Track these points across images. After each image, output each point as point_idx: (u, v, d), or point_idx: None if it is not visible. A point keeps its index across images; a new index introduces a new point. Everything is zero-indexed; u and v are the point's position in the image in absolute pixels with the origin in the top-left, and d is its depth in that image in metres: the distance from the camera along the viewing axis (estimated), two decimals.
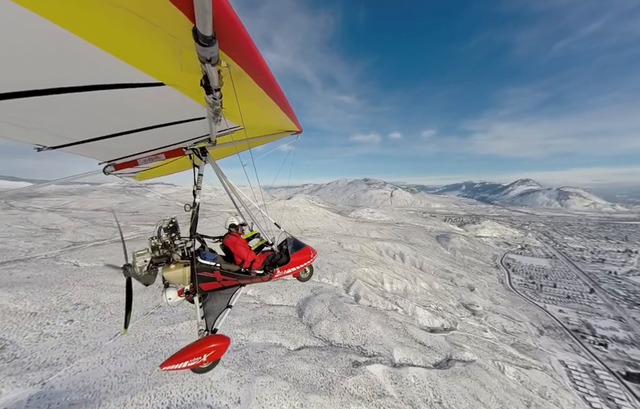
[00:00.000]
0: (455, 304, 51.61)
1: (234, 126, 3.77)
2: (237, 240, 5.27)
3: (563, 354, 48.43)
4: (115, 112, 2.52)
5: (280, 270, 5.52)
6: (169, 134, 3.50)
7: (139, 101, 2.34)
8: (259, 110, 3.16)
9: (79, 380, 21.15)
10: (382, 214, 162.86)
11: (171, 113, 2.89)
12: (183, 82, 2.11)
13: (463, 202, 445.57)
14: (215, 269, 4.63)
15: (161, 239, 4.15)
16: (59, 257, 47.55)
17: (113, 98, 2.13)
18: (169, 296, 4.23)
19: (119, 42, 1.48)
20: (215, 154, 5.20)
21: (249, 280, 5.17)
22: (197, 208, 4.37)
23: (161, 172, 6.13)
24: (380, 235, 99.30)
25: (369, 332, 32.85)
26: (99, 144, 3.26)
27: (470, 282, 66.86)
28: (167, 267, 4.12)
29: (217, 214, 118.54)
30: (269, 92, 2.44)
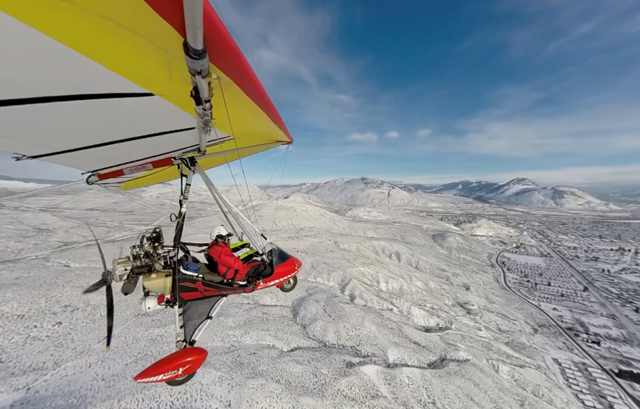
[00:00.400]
0: (450, 303, 51.67)
1: (224, 136, 3.74)
2: (223, 250, 5.16)
3: (557, 352, 48.77)
4: (100, 121, 2.45)
5: (263, 281, 5.52)
6: (157, 143, 3.42)
7: (127, 111, 2.28)
8: (249, 121, 3.14)
9: (65, 385, 20.59)
10: (379, 213, 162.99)
11: (159, 123, 2.83)
12: (172, 93, 2.09)
13: (459, 201, 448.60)
14: (197, 280, 4.56)
15: (143, 248, 4.06)
16: (50, 258, 46.64)
17: (99, 107, 2.08)
18: (148, 305, 4.17)
19: (108, 52, 1.46)
20: (204, 164, 5.16)
21: (231, 291, 5.10)
22: (182, 218, 4.27)
23: (147, 181, 6.01)
24: (376, 234, 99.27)
25: (364, 332, 32.64)
26: (83, 153, 3.16)
27: (465, 281, 67.05)
28: (147, 276, 4.05)
29: (212, 213, 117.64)
30: (259, 103, 2.45)
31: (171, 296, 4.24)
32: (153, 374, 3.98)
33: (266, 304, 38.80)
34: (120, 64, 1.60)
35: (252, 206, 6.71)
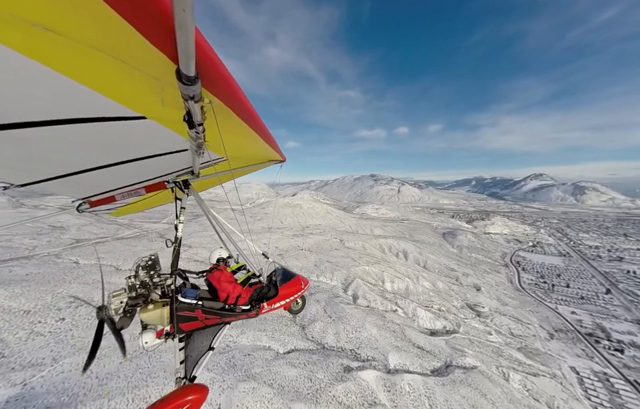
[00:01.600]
0: (459, 305, 49.44)
1: (217, 158, 3.71)
2: (222, 274, 4.91)
3: (575, 360, 45.48)
4: (91, 146, 2.41)
5: (268, 304, 5.21)
6: (150, 167, 3.34)
7: (118, 134, 2.24)
8: (242, 142, 3.15)
9: (60, 382, 20.51)
10: (387, 211, 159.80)
11: (152, 146, 2.79)
12: (165, 116, 2.09)
13: (472, 197, 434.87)
14: (197, 308, 4.29)
15: (139, 278, 3.80)
16: (61, 254, 47.85)
17: (90, 131, 2.03)
18: (145, 340, 3.85)
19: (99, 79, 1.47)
20: (198, 186, 5.06)
21: (233, 318, 4.86)
22: (178, 243, 4.10)
23: (139, 207, 5.86)
24: (384, 232, 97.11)
25: (364, 335, 31.40)
26: (73, 180, 3.08)
27: (476, 282, 64.23)
28: (144, 308, 3.78)
29: (221, 210, 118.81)
30: (251, 125, 2.45)
31: (171, 328, 3.98)
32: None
33: None
34: (111, 90, 1.59)
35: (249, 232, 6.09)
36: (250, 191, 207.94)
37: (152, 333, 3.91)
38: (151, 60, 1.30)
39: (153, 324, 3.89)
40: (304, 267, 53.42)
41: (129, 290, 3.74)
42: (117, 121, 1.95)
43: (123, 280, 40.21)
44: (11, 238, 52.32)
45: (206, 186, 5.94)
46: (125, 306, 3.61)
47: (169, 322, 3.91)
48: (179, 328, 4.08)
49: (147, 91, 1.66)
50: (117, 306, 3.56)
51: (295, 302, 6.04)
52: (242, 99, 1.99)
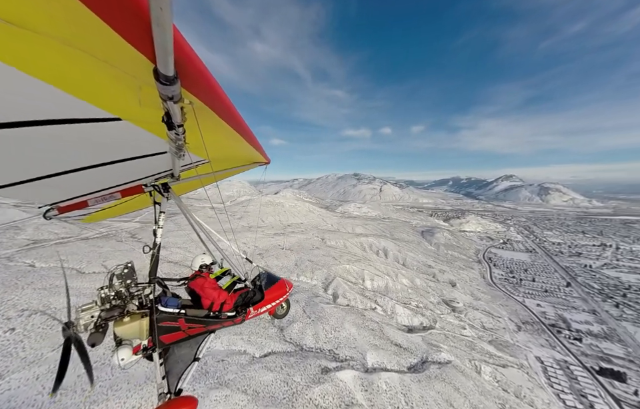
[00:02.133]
0: (436, 301, 50.99)
1: (199, 160, 3.60)
2: (205, 281, 4.68)
3: (539, 350, 48.87)
4: (59, 149, 2.23)
5: (254, 309, 5.14)
6: (126, 170, 3.11)
7: (91, 136, 2.12)
8: (225, 144, 3.05)
9: (5, 401, 18.24)
10: (369, 209, 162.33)
11: (128, 148, 2.60)
12: (142, 117, 1.99)
13: (449, 197, 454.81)
14: (179, 317, 4.07)
15: (114, 288, 3.51)
16: (13, 257, 43.07)
17: (57, 133, 1.90)
18: (121, 357, 3.48)
19: (69, 78, 1.39)
20: (179, 189, 4.89)
21: (219, 325, 4.65)
22: (157, 249, 3.86)
23: (115, 212, 5.58)
24: (365, 230, 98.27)
25: (343, 335, 31.22)
26: (39, 185, 2.77)
27: (452, 278, 66.78)
28: (119, 321, 3.47)
29: (199, 209, 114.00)
30: (234, 126, 2.38)
31: (149, 342, 3.75)
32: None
33: None
34: (83, 90, 1.50)
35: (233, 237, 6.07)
36: (231, 189, 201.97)
37: (128, 348, 3.55)
38: (127, 58, 1.23)
39: (129, 338, 3.57)
40: (284, 267, 52.45)
41: (102, 303, 3.40)
42: (89, 123, 1.82)
43: (85, 285, 36.78)
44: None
45: (187, 189, 5.66)
46: (97, 320, 3.26)
47: (148, 334, 3.61)
48: (159, 340, 3.78)
49: (122, 91, 1.57)
50: (87, 320, 3.21)
51: (280, 306, 6.00)
52: (224, 100, 1.92)
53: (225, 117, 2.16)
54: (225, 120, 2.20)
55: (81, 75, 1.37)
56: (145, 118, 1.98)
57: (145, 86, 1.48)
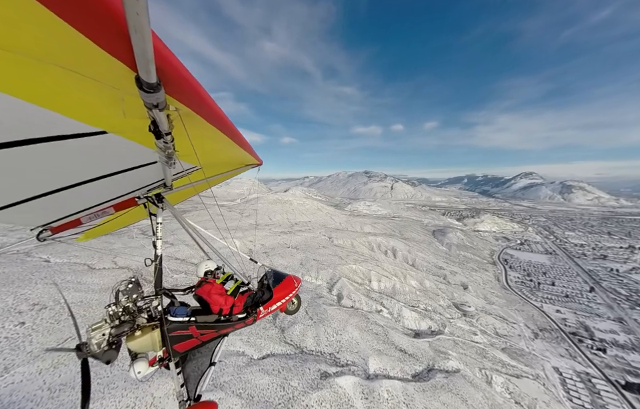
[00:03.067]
0: (446, 304, 48.92)
1: (191, 167, 3.56)
2: (212, 287, 4.70)
3: (558, 360, 45.67)
4: (45, 168, 2.19)
5: (264, 308, 5.12)
6: (117, 184, 3.05)
7: (77, 152, 2.07)
8: (215, 148, 3.03)
9: (7, 394, 18.57)
10: (379, 208, 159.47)
11: (117, 162, 2.57)
12: (128, 129, 1.95)
13: (464, 195, 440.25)
14: (190, 325, 4.07)
15: (120, 304, 3.43)
16: (31, 252, 44.91)
17: (44, 152, 1.86)
18: (137, 370, 3.49)
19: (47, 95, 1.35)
20: (173, 199, 4.88)
21: (231, 328, 4.65)
22: (159, 261, 3.78)
23: (110, 227, 5.57)
24: (374, 229, 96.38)
25: (345, 338, 30.23)
26: (28, 207, 2.69)
27: (464, 280, 64.07)
28: (131, 336, 3.43)
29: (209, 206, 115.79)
30: (223, 130, 2.33)
31: (164, 353, 3.80)
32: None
33: None
34: (62, 105, 1.45)
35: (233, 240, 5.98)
36: (241, 187, 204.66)
37: (144, 361, 3.61)
38: (106, 69, 1.19)
39: (143, 351, 3.60)
40: (289, 265, 51.96)
41: (111, 320, 3.38)
42: (73, 139, 1.77)
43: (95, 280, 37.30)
44: None
45: (182, 197, 5.60)
46: (109, 337, 3.25)
47: (162, 345, 3.64)
48: (173, 350, 3.84)
49: (104, 103, 1.53)
50: (99, 339, 3.17)
51: (290, 302, 5.98)
52: (210, 104, 1.88)
53: (213, 121, 2.10)
54: (213, 125, 2.13)
55: (58, 90, 1.31)
56: (131, 129, 1.94)
57: (127, 96, 1.44)
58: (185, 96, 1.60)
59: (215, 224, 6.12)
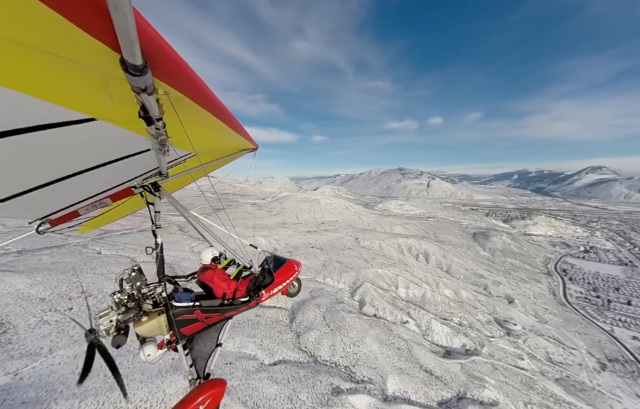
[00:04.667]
0: (485, 319, 43.21)
1: (185, 154, 3.50)
2: (214, 273, 4.81)
3: (633, 401, 36.79)
4: (37, 159, 2.15)
5: (266, 291, 5.34)
6: (111, 174, 3.06)
7: (67, 142, 2.05)
8: (209, 134, 2.99)
9: (46, 375, 20.57)
10: (412, 207, 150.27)
11: (109, 150, 2.54)
12: (117, 115, 1.91)
13: (513, 193, 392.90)
14: (195, 309, 4.22)
15: (125, 292, 3.60)
16: (87, 245, 51.08)
17: (32, 142, 1.83)
18: (147, 353, 3.70)
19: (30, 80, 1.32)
20: (169, 187, 4.75)
21: (235, 311, 4.85)
22: (161, 249, 3.93)
23: (109, 218, 5.67)
24: (404, 230, 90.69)
25: (363, 351, 28.03)
26: (24, 200, 2.71)
27: (509, 292, 56.25)
28: (138, 321, 3.63)
29: (242, 204, 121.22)
30: (216, 114, 2.29)
31: (171, 336, 3.93)
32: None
33: (264, 304, 36.57)
34: (46, 91, 1.40)
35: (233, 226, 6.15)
36: (273, 185, 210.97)
37: (152, 345, 3.79)
38: (87, 51, 1.13)
39: (151, 335, 3.79)
40: (311, 266, 51.01)
41: (117, 307, 3.52)
42: (60, 127, 1.74)
43: None
44: None
45: (178, 185, 5.60)
46: (117, 323, 3.41)
47: (169, 329, 3.82)
48: (180, 333, 4.01)
49: (89, 88, 1.49)
50: (107, 326, 3.34)
51: (291, 285, 6.20)
52: (201, 87, 1.82)
53: (205, 105, 2.04)
54: (206, 109, 2.08)
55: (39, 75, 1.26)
56: (121, 115, 1.89)
57: (112, 80, 1.39)
58: (174, 79, 1.54)
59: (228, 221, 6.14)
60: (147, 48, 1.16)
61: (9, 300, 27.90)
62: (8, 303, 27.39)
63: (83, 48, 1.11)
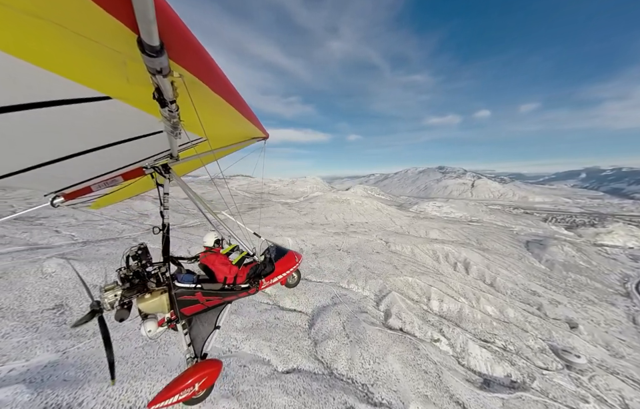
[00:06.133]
0: (538, 347, 36.74)
1: (196, 138, 3.65)
2: (217, 257, 5.01)
3: None
4: (55, 134, 2.27)
5: (266, 280, 5.52)
6: (124, 153, 3.20)
7: (83, 118, 2.13)
8: (221, 119, 3.07)
9: (87, 356, 22.72)
10: (452, 209, 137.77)
11: (123, 129, 2.63)
12: (132, 95, 1.95)
13: (580, 194, 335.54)
14: (196, 291, 4.47)
15: (130, 268, 3.80)
16: (137, 238, 57.09)
17: (50, 117, 1.91)
18: (148, 329, 3.90)
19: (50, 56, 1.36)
20: (180, 170, 5.00)
21: (234, 296, 5.07)
22: (167, 230, 4.14)
23: (120, 196, 5.98)
24: (442, 235, 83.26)
25: (383, 370, 25.62)
26: (40, 173, 2.89)
27: (571, 315, 47.28)
28: (141, 298, 3.82)
29: (274, 203, 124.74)
30: (229, 100, 2.34)
31: (172, 314, 4.14)
32: (166, 396, 3.90)
33: (284, 307, 36.19)
34: (66, 68, 1.45)
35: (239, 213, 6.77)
36: (305, 185, 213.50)
37: (153, 321, 3.93)
38: (107, 30, 1.17)
39: (153, 312, 3.93)
40: (335, 270, 49.39)
41: (122, 282, 3.68)
42: (78, 104, 1.81)
43: None
44: (110, 223, 65.28)
45: (188, 169, 5.73)
46: (121, 298, 3.55)
47: (170, 308, 3.95)
48: (180, 313, 4.17)
49: (107, 67, 1.51)
50: (112, 299, 3.50)
51: (291, 276, 6.37)
52: (216, 72, 1.86)
53: (219, 90, 2.05)
54: (219, 94, 2.09)
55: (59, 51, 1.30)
56: (136, 95, 1.93)
57: (130, 61, 1.42)
58: (190, 62, 1.54)
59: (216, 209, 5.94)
60: (164, 29, 1.16)
61: (70, 284, 31.69)
62: (69, 287, 31.17)
63: (103, 27, 1.13)
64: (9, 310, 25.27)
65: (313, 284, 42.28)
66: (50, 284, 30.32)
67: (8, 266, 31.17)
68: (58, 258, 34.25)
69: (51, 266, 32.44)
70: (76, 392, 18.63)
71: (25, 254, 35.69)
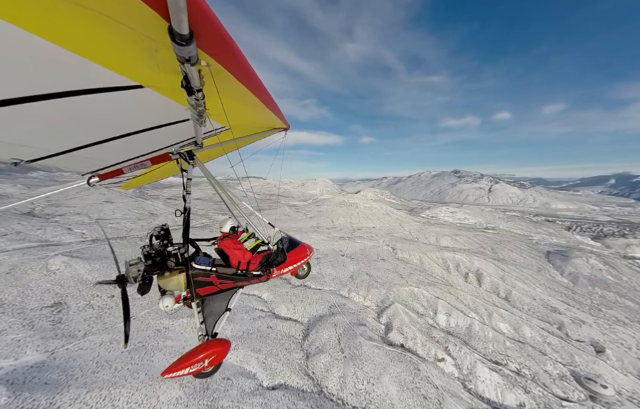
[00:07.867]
0: (557, 372, 33.10)
1: (220, 127, 3.78)
2: (233, 243, 5.26)
3: None
4: (92, 119, 2.43)
5: (277, 269, 5.66)
6: (152, 139, 3.44)
7: (117, 106, 2.27)
8: (244, 109, 3.18)
9: (73, 358, 22.23)
10: (466, 215, 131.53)
11: (152, 117, 2.84)
12: (162, 84, 2.06)
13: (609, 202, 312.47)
14: (211, 273, 4.69)
15: (153, 247, 4.10)
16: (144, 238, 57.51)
17: (89, 103, 2.04)
18: (165, 304, 4.19)
19: (90, 44, 1.45)
20: (203, 157, 5.18)
21: (246, 282, 5.22)
22: (188, 214, 4.35)
23: (148, 179, 6.23)
24: (453, 243, 79.12)
25: (377, 392, 23.52)
26: (79, 155, 3.18)
27: (597, 337, 42.71)
28: (161, 275, 4.12)
29: (282, 205, 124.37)
30: (253, 90, 2.40)
31: (187, 293, 4.36)
32: (178, 368, 4.14)
33: (279, 315, 34.73)
34: (104, 56, 1.55)
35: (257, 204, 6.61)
36: (315, 187, 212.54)
37: (171, 298, 4.21)
38: (141, 17, 1.24)
39: (171, 290, 4.23)
40: (337, 277, 47.47)
41: (145, 259, 3.98)
42: (114, 91, 1.89)
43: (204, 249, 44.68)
44: (119, 221, 66.61)
45: (211, 156, 5.93)
46: (143, 273, 3.84)
47: (186, 287, 4.27)
48: (195, 292, 4.45)
49: (140, 55, 1.60)
50: (135, 273, 3.78)
51: (301, 268, 6.49)
52: (242, 62, 1.89)
53: (244, 81, 2.10)
54: (244, 84, 2.14)
55: (95, 38, 1.37)
56: (165, 84, 1.99)
57: (161, 48, 1.47)
58: (217, 51, 1.59)
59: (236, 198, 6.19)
60: (194, 18, 1.20)
61: (71, 283, 31.74)
62: (69, 285, 31.21)
63: (139, 15, 1.19)
64: (10, 306, 25.33)
65: (311, 292, 40.61)
66: (52, 282, 30.46)
67: (17, 261, 31.65)
68: (63, 256, 34.55)
69: (56, 264, 32.70)
70: (54, 396, 17.98)
71: (35, 250, 36.32)
